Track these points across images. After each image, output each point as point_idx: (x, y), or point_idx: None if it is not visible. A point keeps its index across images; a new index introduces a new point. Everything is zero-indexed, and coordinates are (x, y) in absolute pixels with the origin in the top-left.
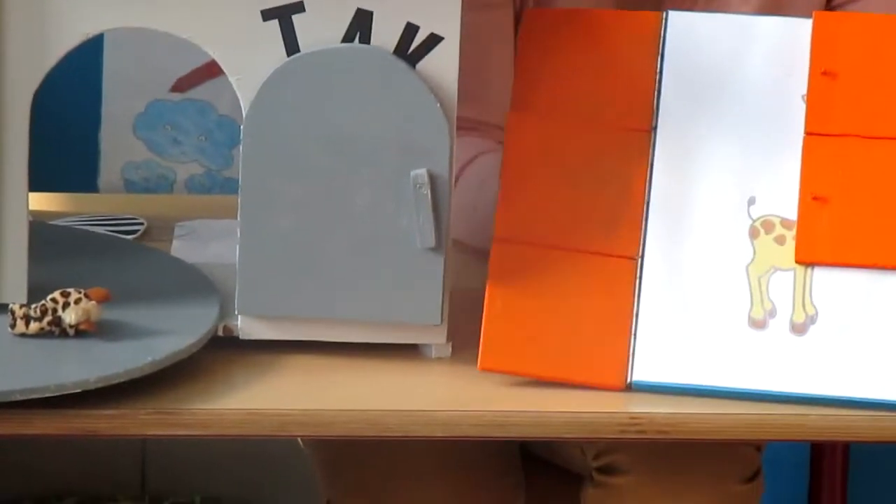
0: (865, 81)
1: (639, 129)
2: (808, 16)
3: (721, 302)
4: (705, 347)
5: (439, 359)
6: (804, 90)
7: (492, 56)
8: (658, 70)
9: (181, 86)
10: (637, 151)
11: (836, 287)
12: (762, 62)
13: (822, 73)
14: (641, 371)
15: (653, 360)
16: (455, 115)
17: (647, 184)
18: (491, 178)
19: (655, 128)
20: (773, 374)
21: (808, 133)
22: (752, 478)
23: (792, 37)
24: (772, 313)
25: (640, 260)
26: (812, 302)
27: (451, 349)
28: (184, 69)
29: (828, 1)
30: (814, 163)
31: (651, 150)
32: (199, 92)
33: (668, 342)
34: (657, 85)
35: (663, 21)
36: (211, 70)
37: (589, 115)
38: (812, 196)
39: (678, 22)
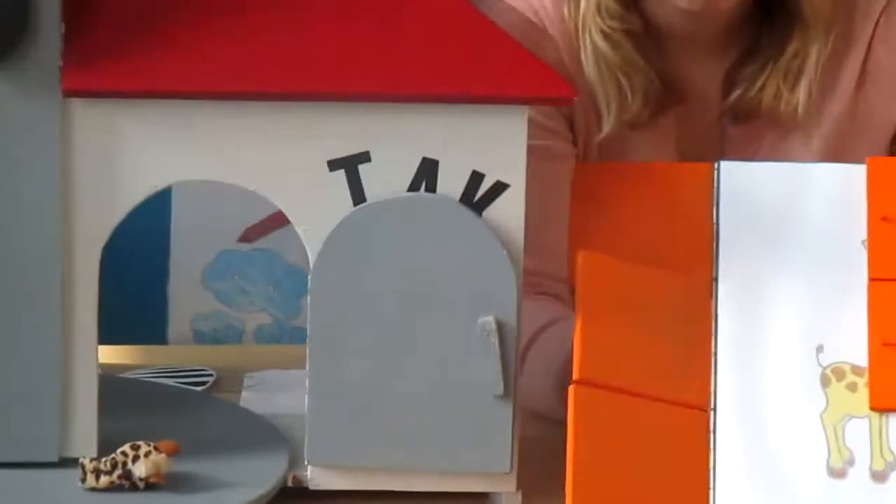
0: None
1: (701, 278)
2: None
3: (798, 452)
4: (787, 499)
5: None
6: (864, 236)
7: (554, 207)
8: (715, 220)
9: (249, 236)
10: (702, 297)
11: None
12: (820, 208)
13: (882, 218)
14: None
15: None
16: (522, 262)
17: (714, 333)
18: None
19: (717, 278)
20: None
21: (872, 279)
22: None
23: (848, 182)
24: (850, 461)
25: (713, 411)
26: (891, 448)
27: (521, 498)
28: (252, 219)
29: (892, 144)
30: (881, 308)
31: (714, 299)
32: (267, 241)
33: (748, 495)
34: (715, 234)
35: (716, 171)
36: (279, 220)
37: (650, 263)
38: (882, 342)
39: (732, 171)
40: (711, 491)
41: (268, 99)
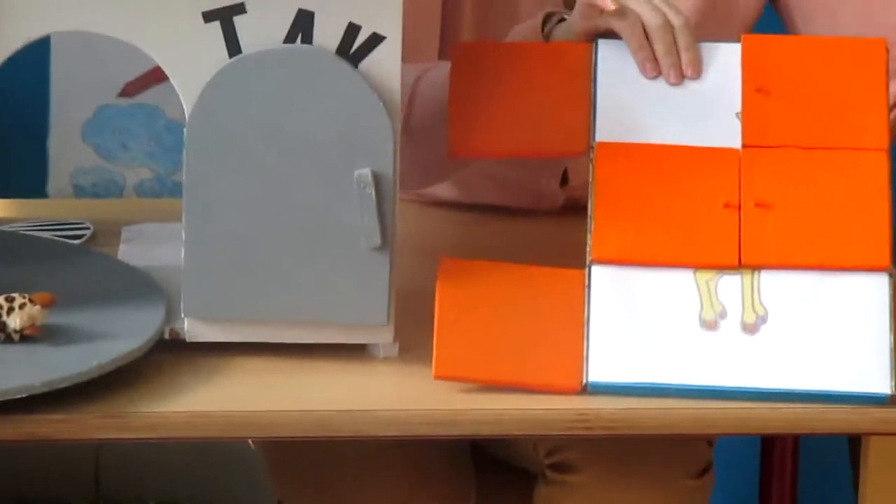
0: (795, 96)
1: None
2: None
3: (672, 305)
4: (659, 348)
5: (387, 358)
6: (738, 108)
7: None
8: (593, 95)
9: (129, 90)
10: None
11: (783, 288)
12: (695, 84)
13: (756, 90)
14: (597, 373)
15: (607, 362)
16: (398, 114)
17: (591, 196)
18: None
19: (593, 147)
20: (725, 371)
21: (745, 146)
22: (704, 472)
23: (724, 59)
24: (722, 315)
25: (589, 267)
26: (762, 303)
27: (398, 349)
28: (132, 74)
29: None
30: (753, 173)
31: (591, 165)
32: (148, 96)
33: (622, 344)
34: (593, 109)
35: (594, 49)
36: (158, 74)
37: (526, 139)
38: (755, 203)
39: (609, 49)
40: (586, 341)
41: None
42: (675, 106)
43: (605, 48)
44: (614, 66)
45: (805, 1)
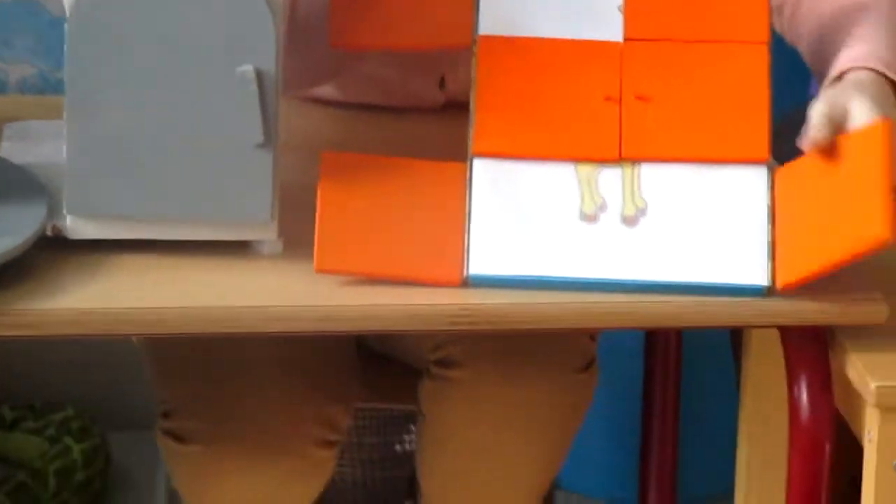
0: None
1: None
2: None
3: (552, 198)
4: (539, 240)
5: (271, 256)
6: (621, 2)
7: None
8: None
9: None
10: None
11: (663, 181)
12: None
13: (636, 97)
14: (477, 265)
15: (488, 255)
16: (281, 10)
17: (473, 89)
18: None
19: (475, 41)
20: (606, 264)
21: (626, 39)
22: (587, 367)
23: None
24: (602, 207)
25: (470, 161)
26: (642, 196)
27: (282, 245)
28: None
29: None
30: (634, 66)
31: (473, 62)
32: None
33: (503, 237)
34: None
35: None
36: None
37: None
38: (635, 95)
39: None
40: (466, 235)
41: None
42: (558, 0)
43: None
44: None
45: None
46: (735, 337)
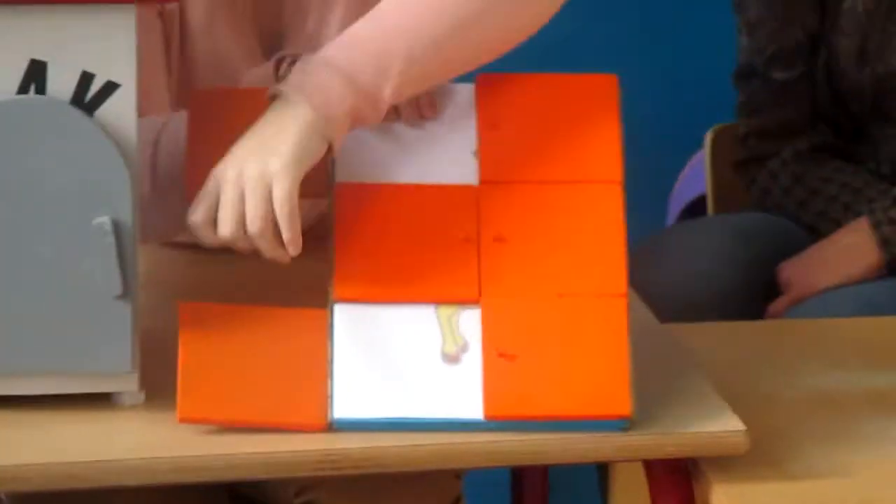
0: (529, 132)
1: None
2: None
3: (414, 340)
4: (402, 382)
5: (133, 405)
6: (475, 146)
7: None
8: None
9: None
10: None
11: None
12: (432, 124)
13: (490, 127)
14: (341, 409)
15: (351, 399)
16: (137, 160)
17: (330, 236)
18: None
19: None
20: (469, 403)
21: (482, 181)
22: None
23: (459, 100)
24: (464, 348)
25: (331, 307)
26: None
27: (143, 396)
28: None
29: None
30: (490, 208)
31: (330, 210)
32: None
33: (366, 380)
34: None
35: None
36: None
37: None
38: (493, 237)
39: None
40: (330, 379)
41: None
42: (413, 146)
43: None
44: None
45: None
46: (601, 468)
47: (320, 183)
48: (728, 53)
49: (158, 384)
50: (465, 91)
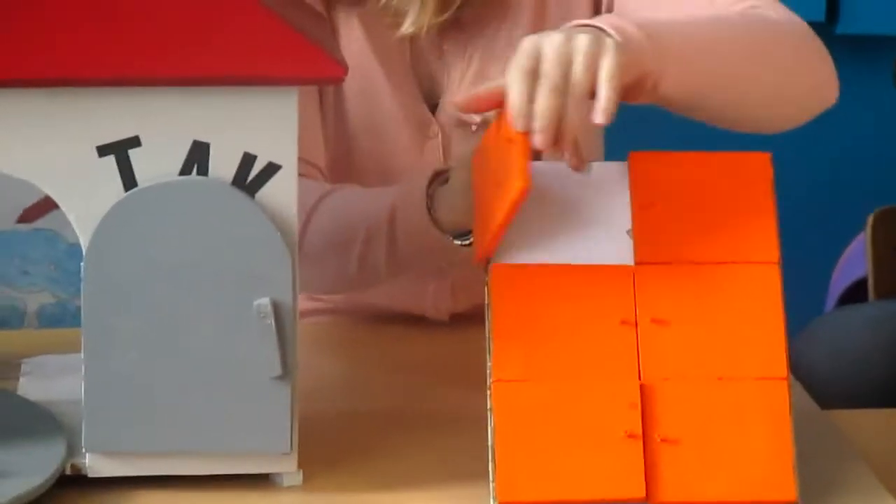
0: (684, 212)
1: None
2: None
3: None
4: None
5: (291, 486)
6: (629, 226)
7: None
8: None
9: (28, 216)
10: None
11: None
12: (585, 205)
13: (644, 206)
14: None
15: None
16: (297, 243)
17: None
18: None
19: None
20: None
21: (637, 262)
22: None
23: (612, 178)
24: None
25: (489, 387)
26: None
27: (301, 477)
28: (30, 199)
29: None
30: (647, 289)
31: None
32: (47, 221)
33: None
34: None
35: None
36: None
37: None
38: (651, 319)
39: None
40: (491, 464)
41: (32, 85)
42: (567, 225)
43: None
44: None
45: None
46: None
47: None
48: (893, 133)
49: (314, 463)
50: (618, 168)
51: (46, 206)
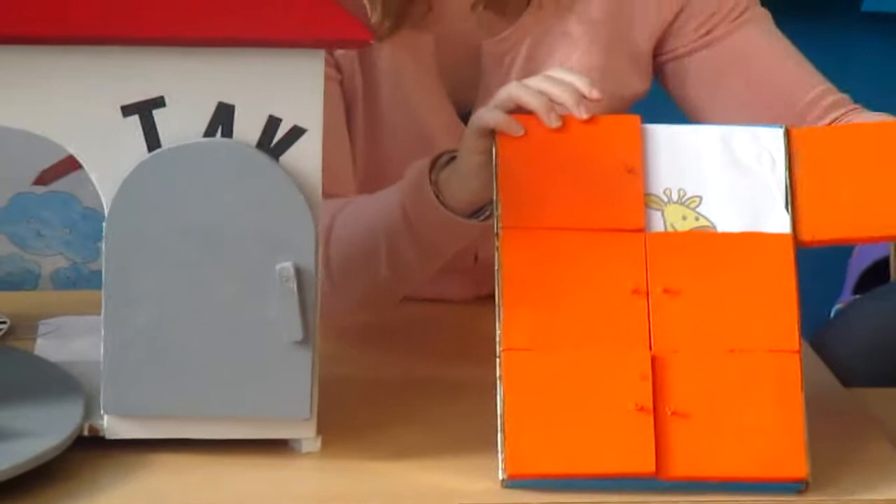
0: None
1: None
2: None
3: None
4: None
5: (309, 453)
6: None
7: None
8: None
9: (45, 178)
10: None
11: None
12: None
13: (663, 291)
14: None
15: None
16: (320, 207)
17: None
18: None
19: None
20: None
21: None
22: None
23: None
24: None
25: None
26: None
27: (320, 443)
28: (47, 161)
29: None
30: (658, 258)
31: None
32: (63, 184)
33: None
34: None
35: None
36: (74, 162)
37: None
38: (662, 289)
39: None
40: (500, 436)
41: (59, 43)
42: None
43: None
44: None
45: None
46: None
47: None
48: None
49: (333, 430)
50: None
51: (63, 168)
